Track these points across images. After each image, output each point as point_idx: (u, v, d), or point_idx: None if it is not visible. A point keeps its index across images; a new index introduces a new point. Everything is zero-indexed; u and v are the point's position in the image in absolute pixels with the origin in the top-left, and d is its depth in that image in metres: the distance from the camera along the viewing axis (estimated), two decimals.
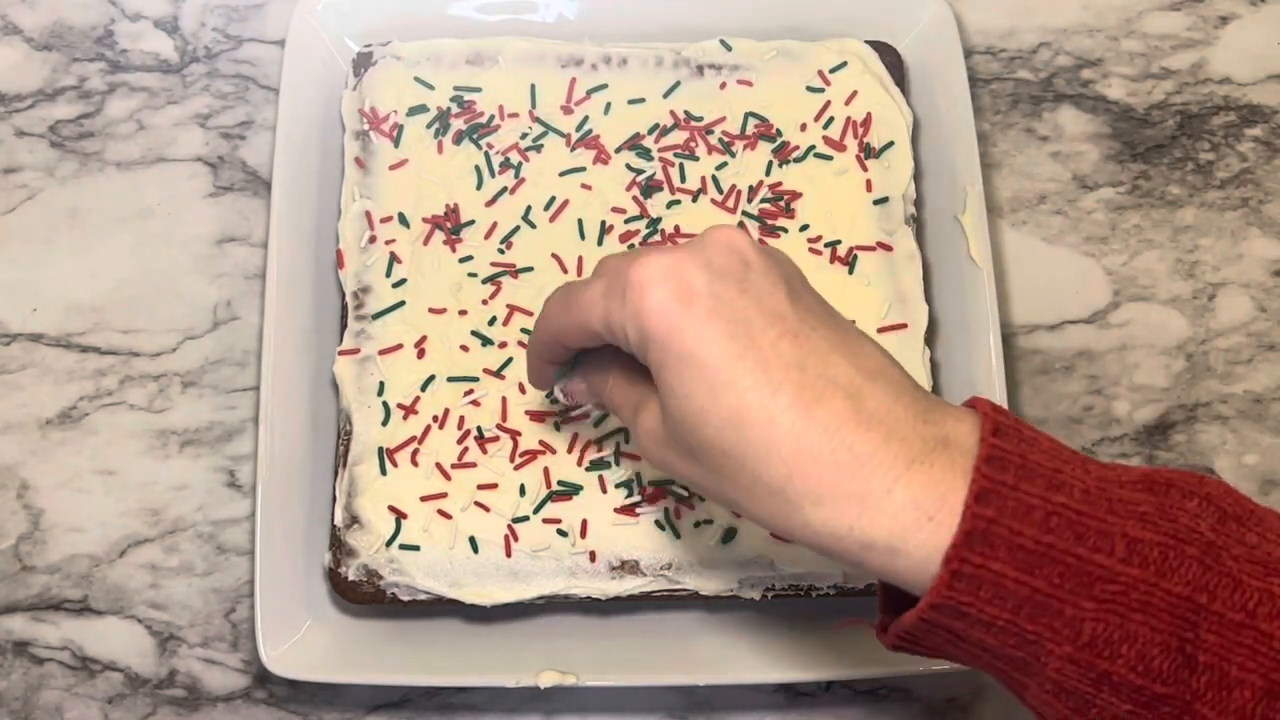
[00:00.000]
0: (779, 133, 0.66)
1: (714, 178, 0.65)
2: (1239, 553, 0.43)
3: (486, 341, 0.62)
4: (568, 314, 0.50)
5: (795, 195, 0.65)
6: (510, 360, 0.62)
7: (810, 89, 0.67)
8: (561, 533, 0.60)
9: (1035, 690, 0.44)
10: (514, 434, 0.61)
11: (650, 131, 0.66)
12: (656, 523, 0.60)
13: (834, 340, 0.45)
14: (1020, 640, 0.43)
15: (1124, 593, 0.42)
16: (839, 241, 0.64)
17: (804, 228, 0.65)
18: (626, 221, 0.64)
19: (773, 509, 0.44)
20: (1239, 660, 0.41)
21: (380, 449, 0.61)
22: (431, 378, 0.62)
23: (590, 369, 0.53)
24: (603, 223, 0.64)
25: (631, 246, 0.64)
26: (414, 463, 0.61)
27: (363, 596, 0.60)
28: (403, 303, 0.63)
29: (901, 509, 0.42)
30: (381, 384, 0.62)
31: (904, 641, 0.46)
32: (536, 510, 0.60)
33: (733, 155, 0.66)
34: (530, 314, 0.63)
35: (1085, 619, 0.42)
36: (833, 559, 0.44)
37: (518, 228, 0.64)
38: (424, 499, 0.60)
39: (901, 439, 0.43)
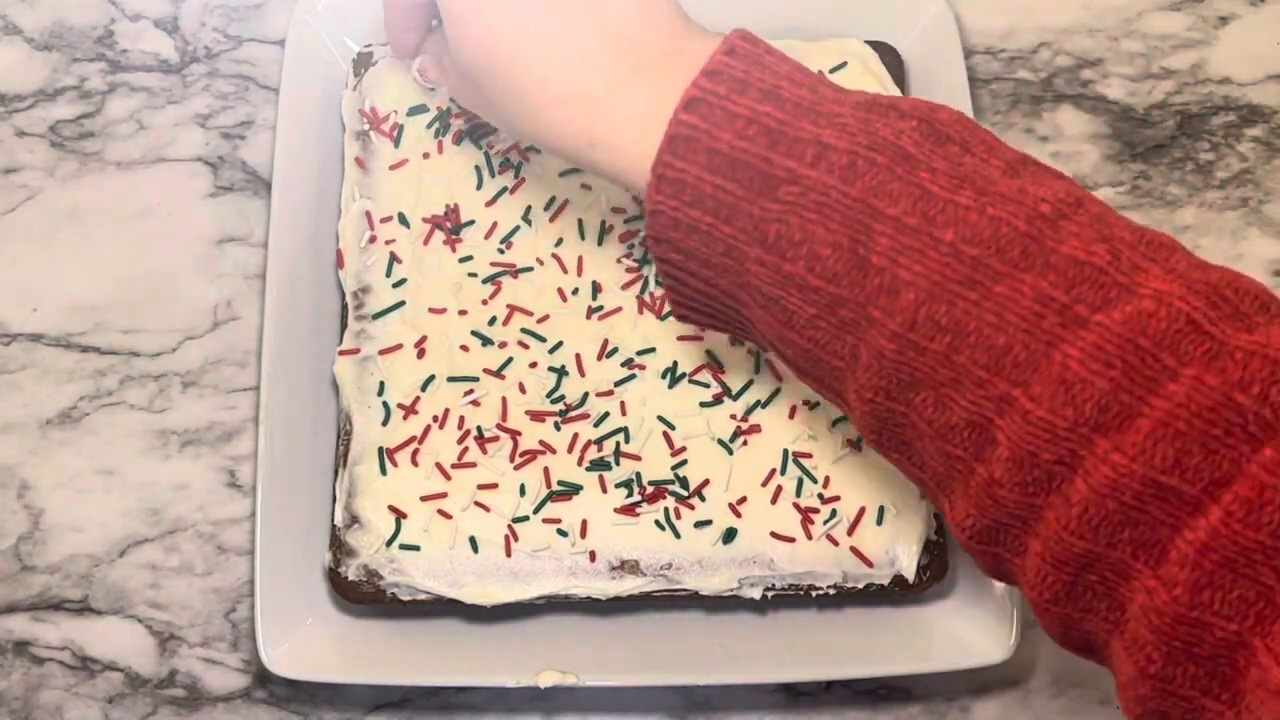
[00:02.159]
0: None
1: None
2: (939, 167, 0.43)
3: (486, 341, 0.62)
4: None
5: None
6: (510, 360, 0.62)
7: None
8: (561, 533, 0.60)
9: (753, 310, 0.46)
10: (514, 434, 0.61)
11: None
12: (656, 523, 0.60)
13: None
14: (725, 248, 0.45)
15: (804, 194, 0.43)
16: None
17: None
18: (626, 221, 0.64)
19: (518, 113, 0.49)
20: (907, 264, 0.41)
21: (380, 449, 0.61)
22: (431, 378, 0.62)
23: (433, 45, 0.60)
24: (603, 222, 0.64)
25: (631, 247, 0.64)
26: (414, 463, 0.61)
27: (363, 596, 0.60)
28: (403, 303, 0.63)
29: (620, 110, 0.46)
30: (381, 384, 0.62)
31: (676, 304, 0.49)
32: (536, 510, 0.60)
33: None
34: (530, 314, 0.63)
35: (770, 219, 0.43)
36: (569, 159, 0.49)
37: (518, 228, 0.64)
38: (424, 499, 0.60)
39: (632, 48, 0.47)
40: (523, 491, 0.60)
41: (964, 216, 0.41)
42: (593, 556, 0.60)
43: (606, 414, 0.61)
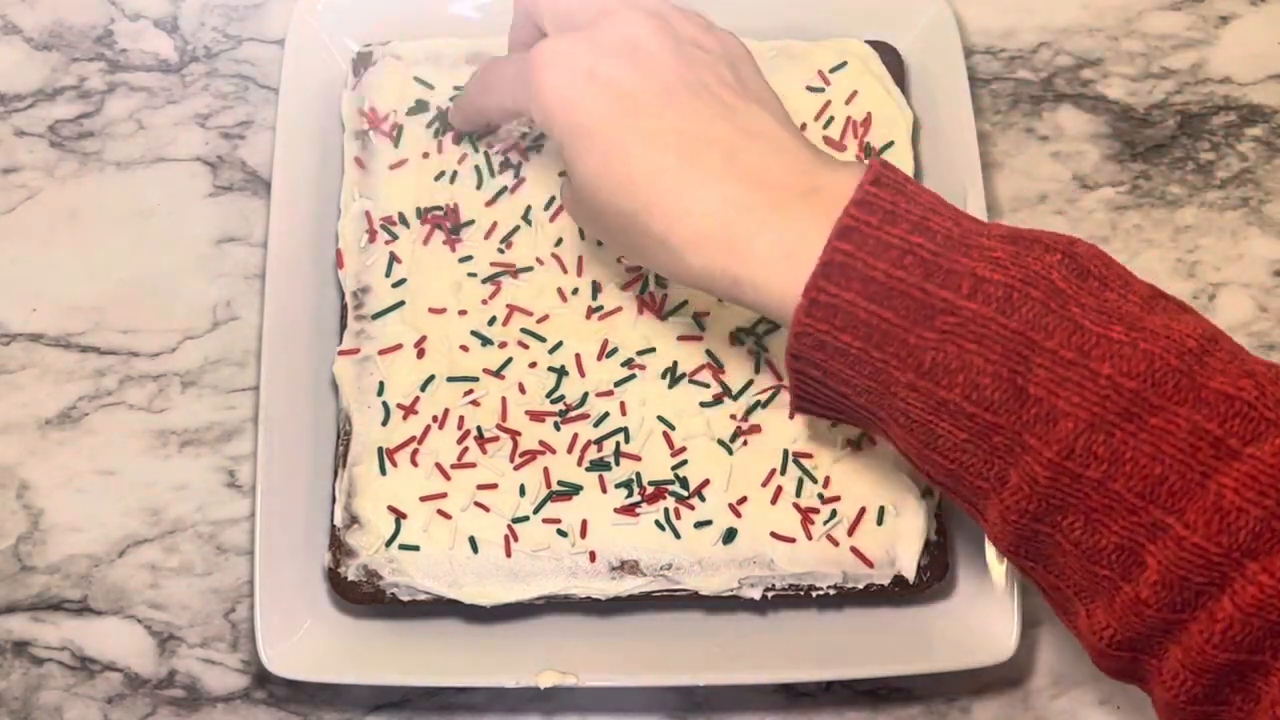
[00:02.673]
0: None
1: None
2: (1087, 302, 0.45)
3: (486, 341, 0.62)
4: (488, 93, 0.58)
5: None
6: (510, 360, 0.62)
7: (810, 89, 0.67)
8: (561, 533, 0.60)
9: (894, 428, 0.48)
10: (514, 434, 0.61)
11: None
12: (656, 523, 0.60)
13: (718, 108, 0.50)
14: (873, 370, 0.46)
15: (963, 325, 0.44)
16: None
17: None
18: None
19: (661, 257, 0.50)
20: (1065, 394, 0.43)
21: (380, 449, 0.61)
22: (431, 378, 0.62)
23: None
24: None
25: None
26: (414, 463, 0.61)
27: (363, 596, 0.60)
28: (402, 303, 0.63)
29: (765, 249, 0.47)
30: (381, 384, 0.62)
31: (798, 399, 0.51)
32: (536, 510, 0.60)
33: None
34: (530, 314, 0.63)
35: (926, 348, 0.45)
36: (723, 299, 0.50)
37: (518, 228, 0.64)
38: (424, 499, 0.60)
39: (771, 189, 0.48)
40: (522, 491, 0.60)
41: (1119, 351, 0.43)
42: (593, 556, 0.60)
43: (606, 414, 0.61)
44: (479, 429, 0.61)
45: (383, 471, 0.60)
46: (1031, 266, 0.45)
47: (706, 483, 0.61)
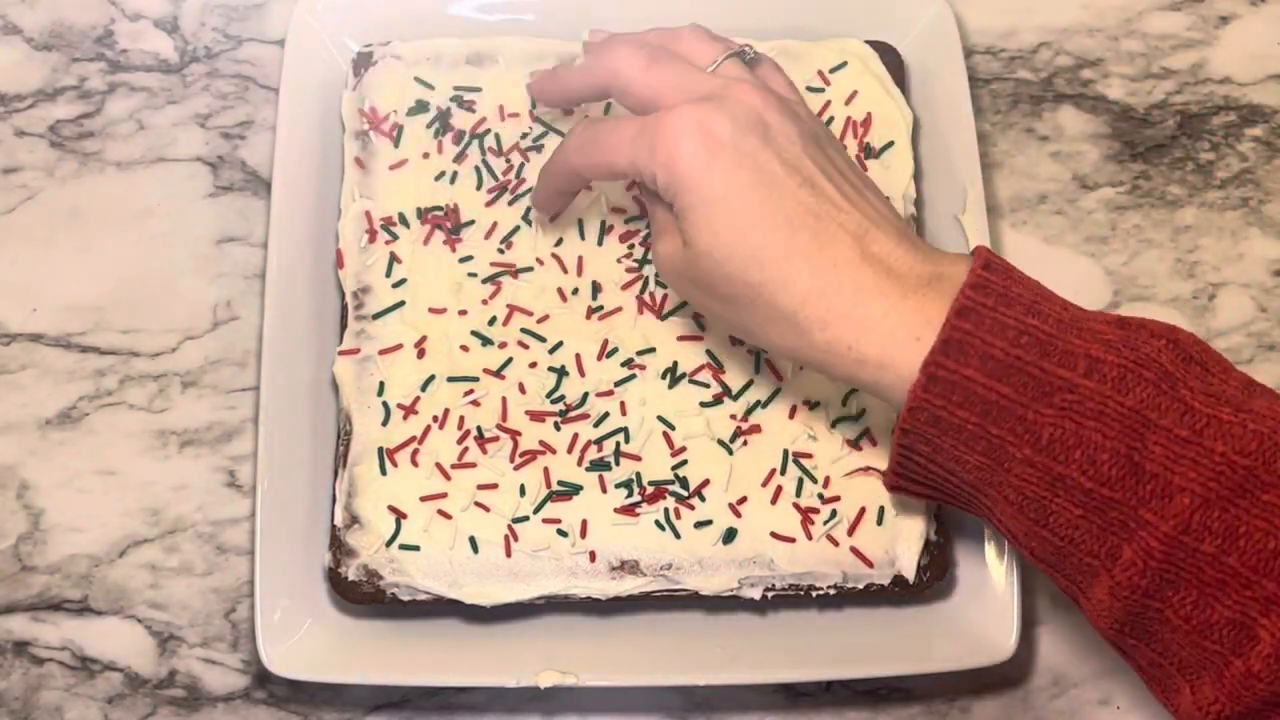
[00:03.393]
0: None
1: None
2: (1195, 385, 0.47)
3: (486, 341, 0.62)
4: (595, 153, 0.56)
5: None
6: (510, 360, 0.62)
7: (810, 89, 0.67)
8: (561, 533, 0.60)
9: (1002, 506, 0.49)
10: (514, 434, 0.61)
11: None
12: (656, 523, 0.60)
13: (845, 190, 0.52)
14: (987, 446, 0.48)
15: (1080, 402, 0.46)
16: None
17: None
18: (626, 221, 0.64)
19: (783, 331, 0.52)
20: (1181, 470, 0.45)
21: (380, 449, 0.61)
22: (431, 378, 0.62)
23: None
24: (603, 222, 0.64)
25: (631, 247, 0.64)
26: (414, 463, 0.61)
27: (363, 596, 0.60)
28: (403, 303, 0.63)
29: (893, 331, 0.49)
30: (381, 384, 0.62)
31: (899, 475, 0.53)
32: (536, 510, 0.60)
33: None
34: (530, 314, 0.63)
35: (1044, 424, 0.47)
36: (830, 374, 0.52)
37: (518, 228, 0.64)
38: (424, 499, 0.60)
39: (899, 275, 0.50)
40: (523, 491, 0.60)
41: (1229, 430, 0.45)
42: (593, 556, 0.60)
43: (606, 414, 0.61)
44: (479, 429, 0.61)
45: (383, 471, 0.60)
46: (1142, 349, 0.47)
47: (706, 483, 0.61)
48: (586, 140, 0.56)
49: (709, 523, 0.60)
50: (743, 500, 0.60)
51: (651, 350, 0.62)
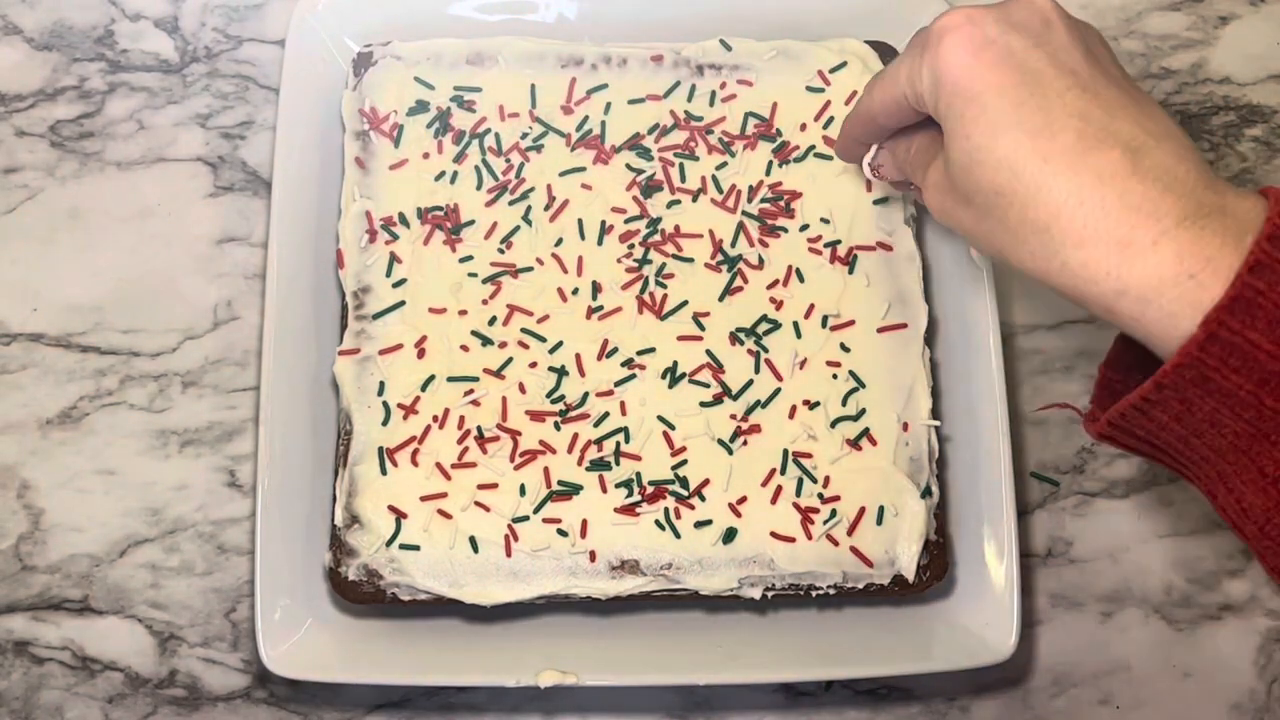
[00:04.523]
0: (779, 132, 0.66)
1: (714, 177, 0.65)
2: None
3: (486, 341, 0.62)
4: (881, 86, 0.53)
5: (795, 195, 0.65)
6: (510, 360, 0.62)
7: (810, 89, 0.67)
8: (561, 533, 0.60)
9: (1247, 478, 0.45)
10: (514, 434, 0.61)
11: (650, 131, 0.66)
12: (656, 523, 0.60)
13: (1124, 101, 0.47)
14: (1256, 415, 0.43)
15: None
16: (839, 241, 0.65)
17: (804, 227, 0.65)
18: (626, 221, 0.64)
19: (1035, 248, 0.46)
20: None
21: (380, 449, 0.61)
22: (431, 378, 0.62)
23: (894, 143, 0.57)
24: (603, 223, 0.64)
25: (631, 247, 0.64)
26: (414, 463, 0.61)
27: (363, 596, 0.60)
28: (403, 303, 0.63)
29: (1164, 262, 0.43)
30: (381, 384, 0.62)
31: (1118, 425, 0.46)
32: (536, 510, 0.60)
33: (733, 155, 0.66)
34: (530, 314, 0.63)
35: None
36: (1083, 304, 0.46)
37: (518, 228, 0.64)
38: (424, 499, 0.60)
39: (1178, 195, 0.44)
40: (523, 491, 0.60)
41: None
42: (593, 556, 0.60)
43: (606, 414, 0.61)
44: (479, 429, 0.61)
45: (383, 471, 0.61)
46: None
47: (706, 483, 0.61)
48: (876, 77, 0.54)
49: (709, 522, 0.60)
50: (743, 500, 0.61)
51: (651, 350, 0.62)
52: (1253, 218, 0.44)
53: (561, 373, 0.62)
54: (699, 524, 0.60)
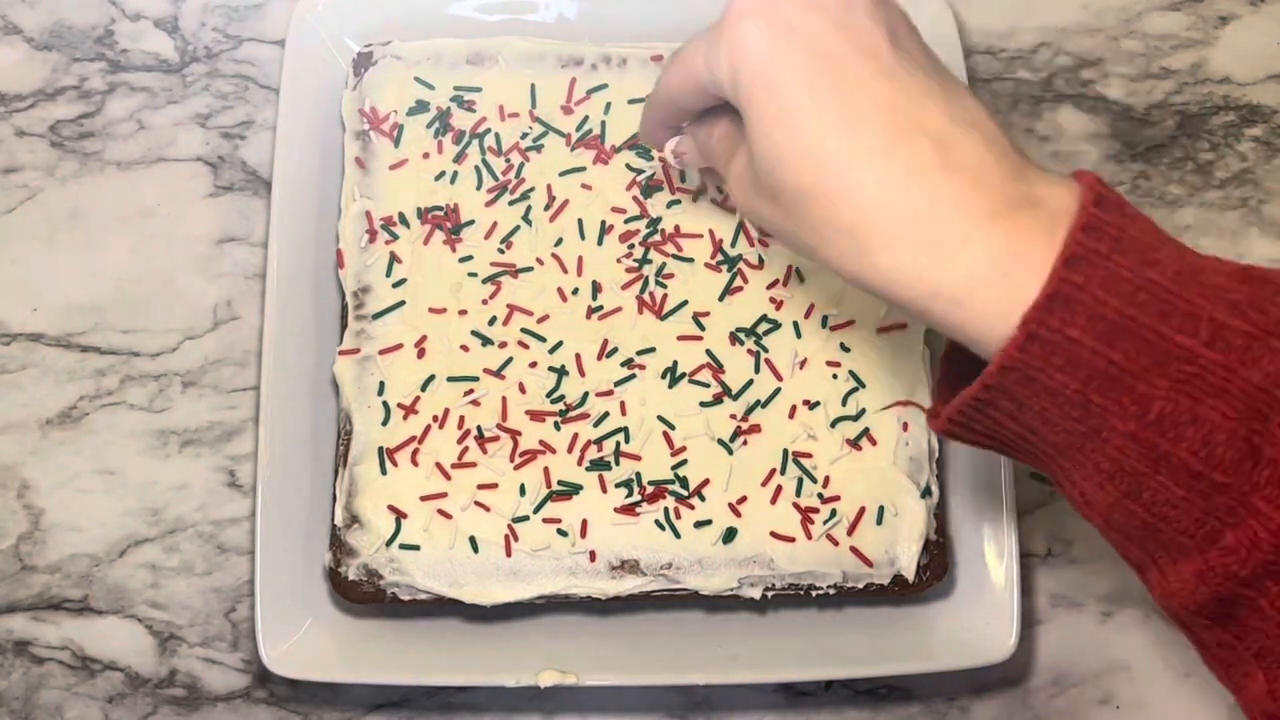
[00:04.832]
0: None
1: None
2: None
3: (486, 341, 0.62)
4: (677, 66, 0.50)
5: None
6: (510, 360, 0.62)
7: None
8: (561, 532, 0.60)
9: (1086, 472, 0.43)
10: (514, 434, 0.61)
11: None
12: (656, 523, 0.60)
13: (930, 87, 0.44)
14: (1084, 414, 0.41)
15: (1200, 375, 0.40)
16: None
17: None
18: (626, 221, 0.64)
19: (842, 249, 0.44)
20: None
21: (380, 449, 0.61)
22: (431, 377, 0.62)
23: (697, 127, 0.53)
24: (603, 223, 0.64)
25: (631, 247, 0.64)
26: (414, 462, 0.61)
27: (363, 596, 0.60)
28: (403, 303, 0.63)
29: (975, 260, 0.41)
30: (382, 384, 0.62)
31: (957, 422, 0.44)
32: (536, 510, 0.60)
33: None
34: (530, 314, 0.63)
35: (1156, 397, 0.40)
36: (898, 307, 0.44)
37: (518, 227, 0.64)
38: (424, 499, 0.60)
39: (986, 189, 0.42)
40: (523, 491, 0.60)
41: None
42: (593, 556, 0.60)
43: (606, 414, 0.61)
44: (479, 429, 0.61)
45: (383, 471, 0.61)
46: (1271, 313, 0.41)
47: (706, 482, 0.61)
48: (672, 57, 0.51)
49: (709, 522, 0.60)
50: (742, 500, 0.61)
51: (651, 350, 0.62)
52: (1066, 206, 0.42)
53: (561, 373, 0.62)
54: (699, 524, 0.60)
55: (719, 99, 0.49)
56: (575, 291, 0.63)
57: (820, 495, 0.61)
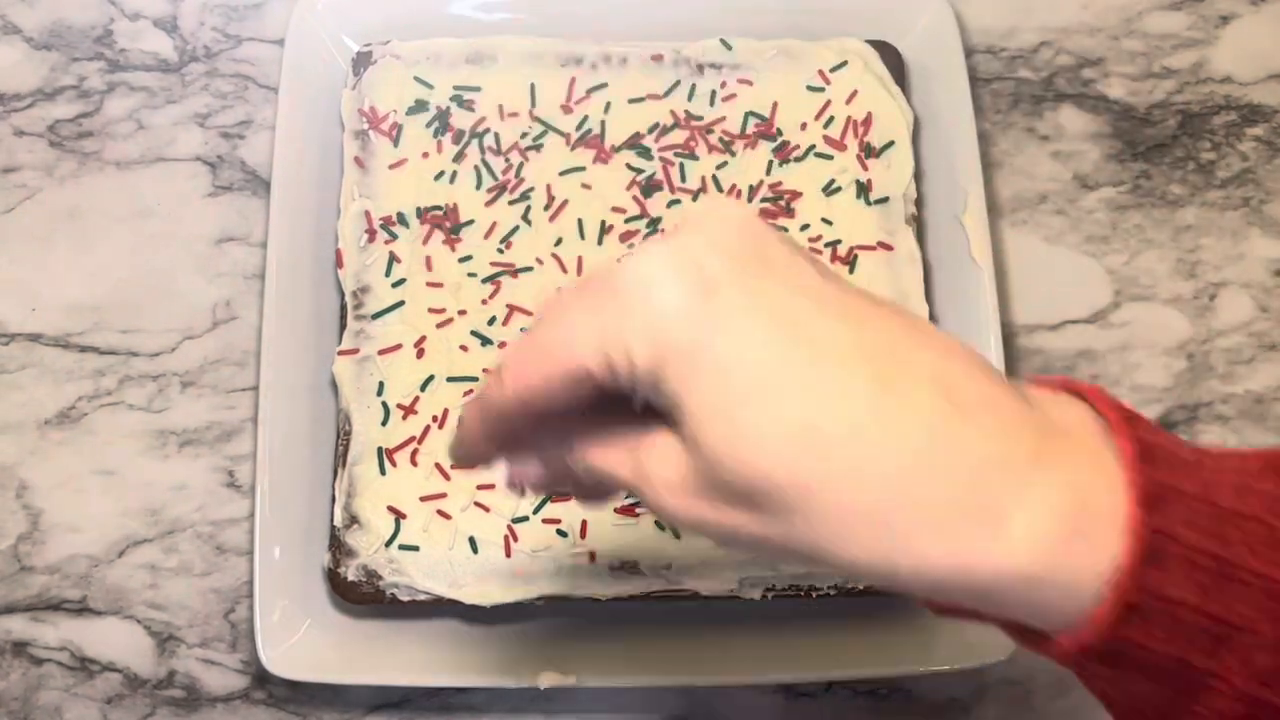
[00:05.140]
0: (779, 132, 0.66)
1: (714, 177, 0.65)
2: None
3: (486, 341, 0.62)
4: (544, 360, 0.37)
5: (796, 195, 0.65)
6: None
7: (810, 88, 0.67)
8: (561, 533, 0.60)
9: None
10: None
11: (650, 131, 0.66)
12: (656, 523, 0.60)
13: (884, 314, 0.36)
14: (1184, 682, 0.34)
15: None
16: (839, 241, 0.64)
17: (804, 227, 0.65)
18: (626, 221, 0.64)
19: (869, 546, 0.34)
20: None
21: (380, 449, 0.61)
22: (431, 378, 0.62)
23: (544, 441, 0.40)
24: (603, 222, 0.64)
25: (631, 246, 0.64)
26: (413, 463, 0.61)
27: (362, 596, 0.60)
28: (402, 302, 0.63)
29: (1040, 523, 0.33)
30: (381, 384, 0.62)
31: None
32: (536, 510, 0.60)
33: (733, 155, 0.66)
34: (530, 314, 0.63)
35: (1262, 646, 0.33)
36: (949, 598, 0.35)
37: (517, 227, 0.64)
38: (423, 499, 0.60)
39: (1013, 428, 0.34)
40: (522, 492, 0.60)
41: None
42: (593, 557, 0.60)
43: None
44: None
45: (382, 471, 0.60)
46: None
47: None
48: (522, 350, 0.38)
49: None
50: None
51: None
52: (1084, 425, 0.35)
53: None
54: None
55: (602, 394, 0.37)
56: None
57: None
